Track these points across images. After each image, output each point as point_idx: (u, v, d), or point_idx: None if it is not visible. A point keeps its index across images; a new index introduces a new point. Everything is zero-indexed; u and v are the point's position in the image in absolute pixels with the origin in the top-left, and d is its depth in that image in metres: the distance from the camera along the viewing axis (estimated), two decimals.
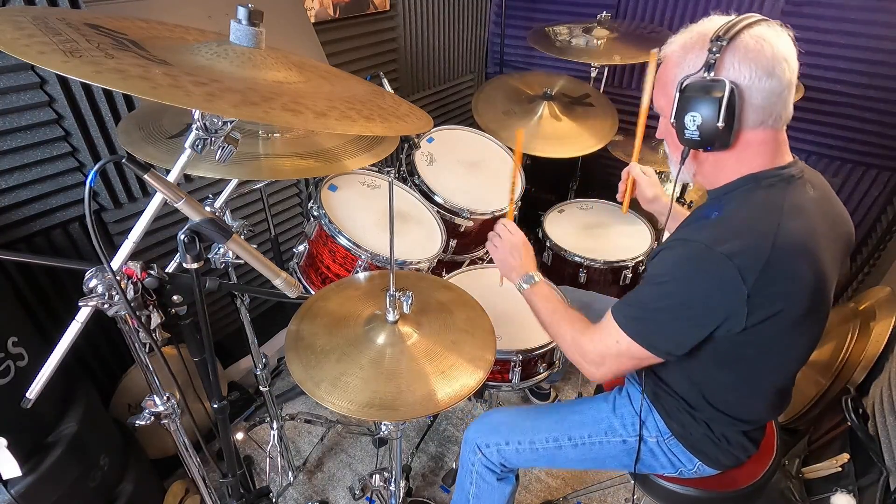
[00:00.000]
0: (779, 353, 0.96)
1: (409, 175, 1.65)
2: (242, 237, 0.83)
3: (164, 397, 0.93)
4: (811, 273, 0.88)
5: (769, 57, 0.84)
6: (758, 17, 0.88)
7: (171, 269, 0.88)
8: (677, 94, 0.90)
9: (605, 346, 1.02)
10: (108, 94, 1.35)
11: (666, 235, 1.20)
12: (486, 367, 0.97)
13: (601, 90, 2.15)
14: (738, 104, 0.85)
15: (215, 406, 0.99)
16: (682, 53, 0.91)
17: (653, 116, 1.07)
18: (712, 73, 0.85)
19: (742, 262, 0.84)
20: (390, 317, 1.01)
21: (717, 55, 0.85)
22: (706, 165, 0.97)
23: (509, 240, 1.26)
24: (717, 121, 0.86)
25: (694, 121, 0.88)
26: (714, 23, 0.89)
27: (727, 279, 0.84)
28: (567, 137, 1.94)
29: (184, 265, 0.76)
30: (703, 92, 0.86)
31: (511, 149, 1.86)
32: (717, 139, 0.88)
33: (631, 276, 1.76)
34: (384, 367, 0.96)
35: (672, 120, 0.92)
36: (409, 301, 1.01)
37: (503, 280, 1.30)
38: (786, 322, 0.89)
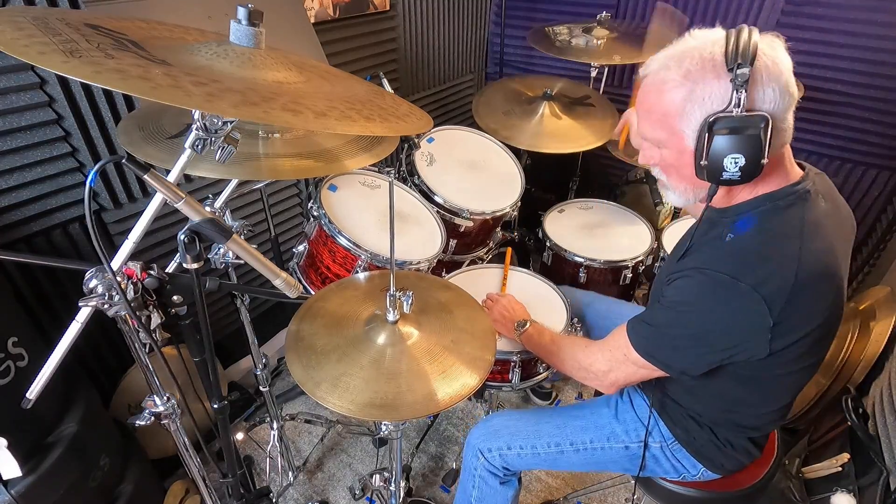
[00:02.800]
0: (797, 371, 0.95)
1: (409, 175, 1.65)
2: (242, 237, 0.83)
3: (164, 397, 0.93)
4: (832, 294, 0.87)
5: (785, 74, 0.80)
6: (749, 29, 0.81)
7: (171, 269, 0.88)
8: (705, 134, 0.82)
9: (614, 356, 1.02)
10: (108, 94, 1.35)
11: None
12: (486, 366, 0.97)
13: (601, 90, 2.15)
14: (771, 133, 0.80)
15: (215, 406, 0.99)
16: (688, 84, 0.82)
17: None
18: (743, 107, 0.78)
19: (768, 292, 0.81)
20: (390, 317, 1.01)
21: (746, 85, 0.78)
22: (723, 193, 0.92)
23: (500, 301, 1.37)
24: (763, 157, 0.80)
25: (736, 162, 0.81)
26: (707, 41, 0.83)
27: (754, 311, 0.82)
28: (569, 135, 1.94)
29: (184, 265, 0.76)
30: (741, 129, 0.79)
31: (511, 149, 1.86)
32: (757, 173, 0.82)
33: (631, 276, 1.75)
34: (384, 367, 0.96)
35: (703, 161, 0.84)
36: (410, 301, 1.01)
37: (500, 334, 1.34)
38: (809, 344, 0.88)
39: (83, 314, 0.74)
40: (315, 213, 1.35)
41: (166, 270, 0.82)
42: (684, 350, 0.94)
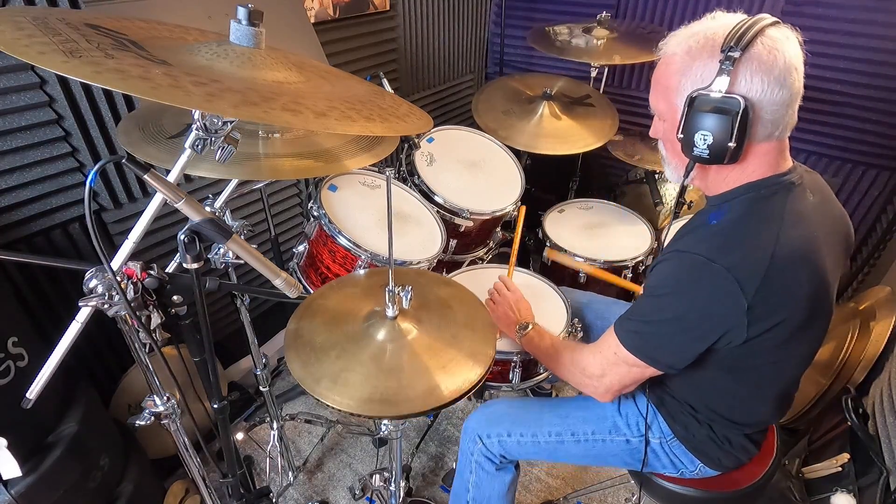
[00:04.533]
0: (781, 360, 0.95)
1: (409, 175, 1.65)
2: (242, 237, 0.83)
3: (164, 397, 0.93)
4: (811, 282, 0.87)
5: (781, 67, 0.81)
6: (767, 18, 0.84)
7: (171, 269, 0.88)
8: (685, 109, 0.86)
9: (605, 357, 1.02)
10: (108, 94, 1.35)
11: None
12: (487, 361, 0.97)
13: (601, 90, 2.15)
14: (750, 120, 0.83)
15: (215, 406, 0.99)
16: (687, 60, 0.86)
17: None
18: (724, 88, 0.81)
19: (741, 274, 0.82)
20: (390, 312, 1.01)
21: (730, 68, 0.80)
22: (709, 175, 0.95)
23: (509, 297, 1.34)
24: (730, 140, 0.83)
25: (704, 139, 0.85)
26: (720, 24, 0.85)
27: (727, 292, 0.83)
28: (567, 136, 1.94)
29: (184, 265, 0.76)
30: (716, 110, 0.82)
31: (511, 149, 1.86)
32: (727, 156, 0.86)
33: (631, 276, 1.75)
34: (385, 362, 0.95)
35: (679, 135, 0.89)
36: (409, 296, 1.01)
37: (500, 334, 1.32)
38: (787, 331, 0.88)
39: (83, 314, 0.74)
40: (315, 213, 1.35)
41: (166, 270, 0.82)
42: (667, 339, 0.94)
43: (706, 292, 0.86)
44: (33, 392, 0.74)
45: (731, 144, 0.84)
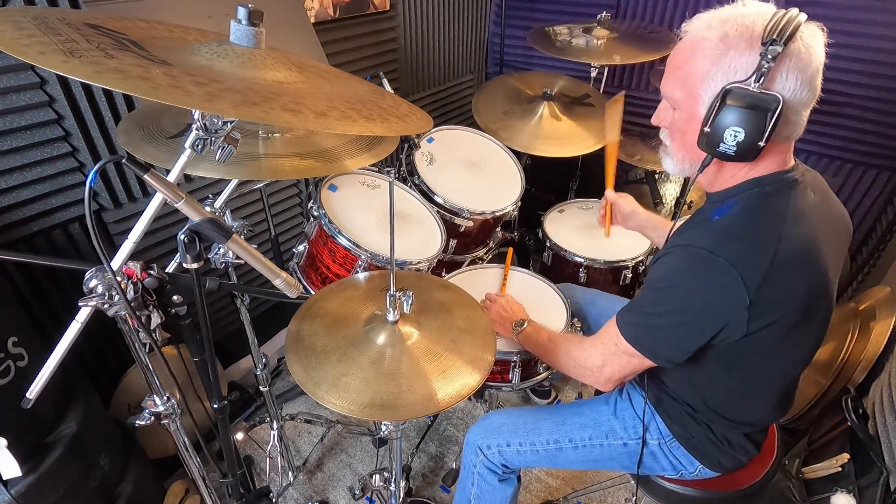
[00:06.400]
0: (780, 357, 0.96)
1: (409, 175, 1.65)
2: (242, 237, 0.83)
3: (164, 397, 0.93)
4: (811, 280, 0.87)
5: (814, 67, 0.79)
6: (800, 13, 0.81)
7: (171, 269, 0.88)
8: (717, 102, 0.82)
9: (606, 348, 1.02)
10: (108, 94, 1.35)
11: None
12: (486, 366, 0.97)
13: (601, 90, 2.15)
14: (781, 120, 0.79)
15: (215, 406, 0.99)
16: (721, 48, 0.81)
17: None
18: (762, 84, 0.77)
19: (745, 269, 0.82)
20: (390, 317, 1.01)
21: (771, 64, 0.76)
22: (719, 171, 0.94)
23: (499, 300, 1.37)
24: (762, 140, 0.80)
25: (735, 136, 0.81)
26: (755, 13, 0.81)
27: (729, 286, 0.83)
28: (567, 137, 1.94)
29: (184, 265, 0.76)
30: (753, 107, 0.79)
31: (511, 149, 1.86)
32: (752, 154, 0.83)
33: (631, 275, 1.75)
34: (384, 367, 0.96)
35: (706, 128, 0.84)
36: (410, 301, 1.01)
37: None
38: (786, 328, 0.88)
39: (83, 314, 0.74)
40: (315, 213, 1.35)
41: (166, 270, 0.82)
42: (667, 331, 0.94)
43: (708, 285, 0.86)
44: (33, 392, 0.74)
45: (762, 144, 0.81)
